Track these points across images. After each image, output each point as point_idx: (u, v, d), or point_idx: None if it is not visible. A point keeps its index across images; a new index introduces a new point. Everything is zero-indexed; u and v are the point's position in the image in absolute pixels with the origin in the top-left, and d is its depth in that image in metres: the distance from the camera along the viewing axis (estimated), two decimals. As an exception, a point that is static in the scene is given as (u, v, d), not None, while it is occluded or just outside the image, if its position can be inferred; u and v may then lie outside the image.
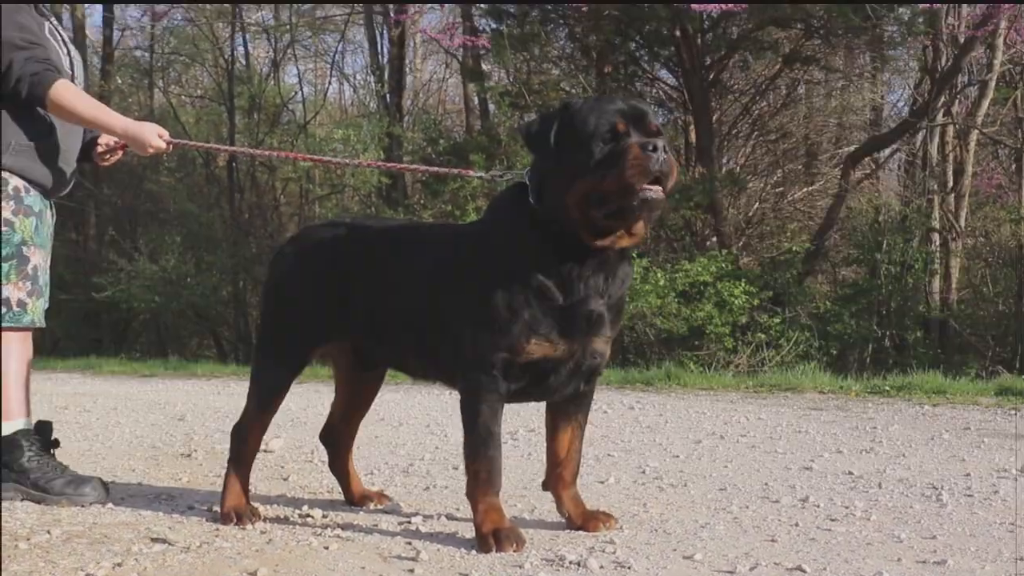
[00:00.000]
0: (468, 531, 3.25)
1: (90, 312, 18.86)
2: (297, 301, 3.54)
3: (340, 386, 3.87)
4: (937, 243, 13.46)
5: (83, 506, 3.77)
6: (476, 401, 3.10)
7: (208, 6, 19.69)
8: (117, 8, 21.19)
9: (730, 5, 12.07)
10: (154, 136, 3.93)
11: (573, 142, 2.97)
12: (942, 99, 13.01)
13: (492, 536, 3.04)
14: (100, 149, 4.26)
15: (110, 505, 3.79)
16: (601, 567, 2.86)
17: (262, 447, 4.50)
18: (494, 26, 15.13)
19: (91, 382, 11.85)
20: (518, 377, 3.11)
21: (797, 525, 3.43)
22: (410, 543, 3.16)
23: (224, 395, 9.32)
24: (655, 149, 2.89)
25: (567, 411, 3.37)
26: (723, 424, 6.52)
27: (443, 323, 3.20)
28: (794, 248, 14.16)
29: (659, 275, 12.05)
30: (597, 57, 15.02)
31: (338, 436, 3.88)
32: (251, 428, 3.59)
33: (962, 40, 12.12)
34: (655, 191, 2.90)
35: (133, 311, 18.14)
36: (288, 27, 20.24)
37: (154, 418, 7.25)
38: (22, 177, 3.90)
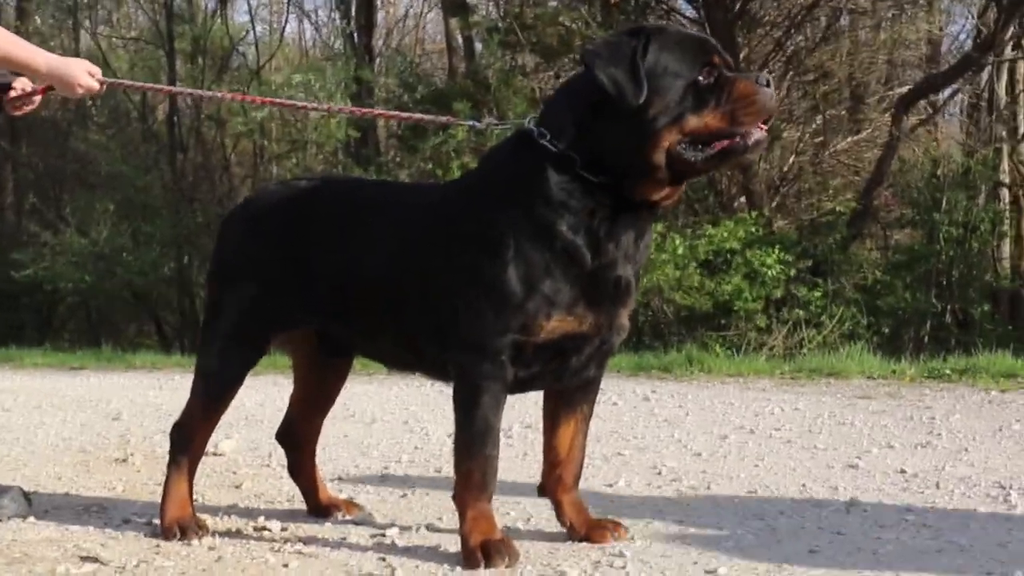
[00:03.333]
0: (452, 544, 3.26)
1: (8, 294, 18.85)
2: (250, 277, 3.52)
3: (300, 376, 3.86)
4: (1007, 200, 13.47)
5: (1, 520, 3.77)
6: (475, 390, 3.08)
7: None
8: (36, -64, 21.09)
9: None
10: (83, 74, 3.90)
11: (664, 71, 2.97)
12: (1011, 29, 12.96)
13: (481, 549, 3.04)
14: (13, 94, 4.22)
15: (32, 519, 3.79)
16: (609, 584, 2.88)
17: (210, 449, 4.51)
18: (480, -51, 15.10)
19: (11, 376, 11.84)
20: (530, 362, 3.10)
21: (840, 533, 3.45)
22: (384, 559, 3.17)
23: (166, 390, 9.33)
24: (768, 84, 3.00)
25: (571, 401, 3.36)
26: (754, 416, 6.54)
27: (432, 300, 3.17)
28: (838, 208, 14.17)
29: (678, 241, 12.04)
30: (603, -15, 14.98)
31: (299, 435, 3.87)
32: (196, 427, 3.59)
33: (1035, -42, 12.08)
34: (763, 131, 3.00)
35: (59, 292, 18.13)
36: (237, -46, 20.16)
37: (84, 417, 7.25)
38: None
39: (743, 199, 14.18)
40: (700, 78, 2.98)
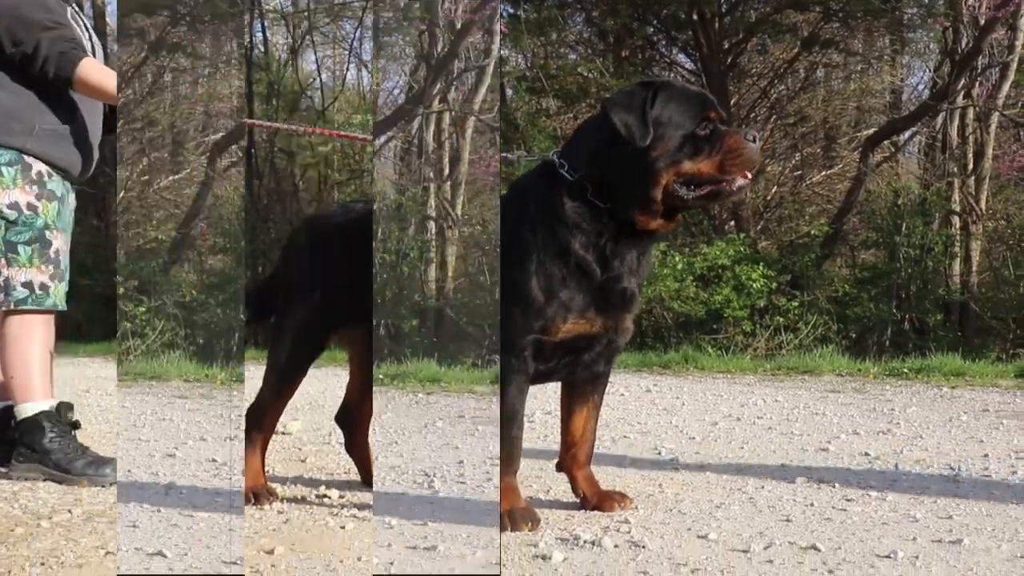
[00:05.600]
0: (483, 511, 3.26)
1: (112, 297, 18.94)
2: (312, 285, 3.52)
3: (355, 368, 3.87)
4: (957, 226, 13.35)
5: (104, 486, 3.81)
6: (503, 381, 3.08)
7: (226, -8, 19.73)
8: (136, -5, 21.28)
9: (748, -13, 11.98)
10: None
11: (668, 120, 2.97)
12: (962, 81, 12.87)
13: (508, 515, 3.05)
14: None
15: (130, 486, 3.83)
16: (615, 546, 2.87)
17: (280, 429, 4.53)
18: (511, 11, 15.11)
19: (112, 366, 11.91)
20: (549, 357, 3.10)
21: (812, 505, 3.43)
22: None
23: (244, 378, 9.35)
24: (755, 140, 2.99)
25: (584, 392, 3.36)
26: (740, 406, 6.51)
27: None
28: (813, 231, 14.08)
29: (677, 258, 12.00)
30: (614, 42, 14.98)
31: (354, 418, 3.89)
32: (267, 410, 3.60)
33: (983, 21, 11.98)
34: (746, 180, 2.99)
35: (154, 296, 18.22)
36: (306, 13, 20.24)
37: (175, 401, 7.29)
38: (45, 161, 3.93)
39: (733, 223, 14.13)
40: (698, 130, 2.97)
